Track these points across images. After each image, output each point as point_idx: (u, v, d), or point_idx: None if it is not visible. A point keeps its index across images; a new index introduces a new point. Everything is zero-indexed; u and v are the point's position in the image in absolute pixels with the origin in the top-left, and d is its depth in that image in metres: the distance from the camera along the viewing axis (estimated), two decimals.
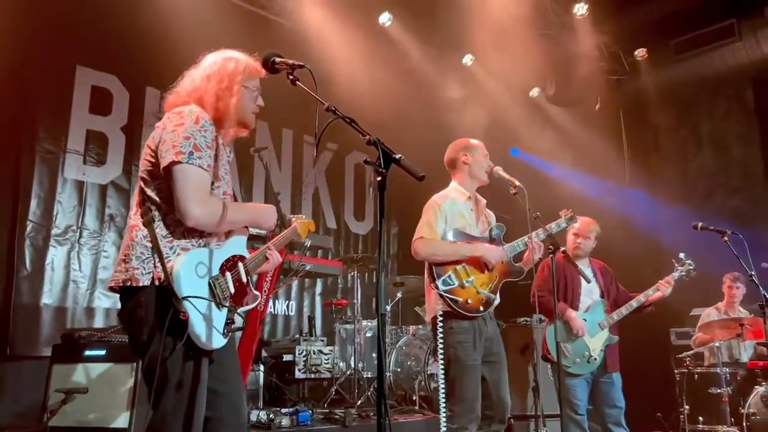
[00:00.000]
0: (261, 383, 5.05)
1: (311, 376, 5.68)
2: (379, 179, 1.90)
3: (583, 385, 4.18)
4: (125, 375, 3.73)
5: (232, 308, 2.16)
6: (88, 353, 3.84)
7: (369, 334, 5.99)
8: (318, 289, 7.52)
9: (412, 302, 6.66)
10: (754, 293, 4.40)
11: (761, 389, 4.77)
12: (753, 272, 4.22)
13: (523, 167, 7.73)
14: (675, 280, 4.36)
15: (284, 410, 4.60)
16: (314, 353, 5.69)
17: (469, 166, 3.50)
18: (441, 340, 3.21)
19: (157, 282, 2.06)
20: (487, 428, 3.26)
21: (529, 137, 7.99)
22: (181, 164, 2.06)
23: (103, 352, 3.83)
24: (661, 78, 7.41)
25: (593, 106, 7.84)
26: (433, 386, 5.56)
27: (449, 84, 7.66)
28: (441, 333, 3.21)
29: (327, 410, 4.99)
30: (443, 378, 3.19)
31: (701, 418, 4.96)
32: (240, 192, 6.62)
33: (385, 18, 6.79)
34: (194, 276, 2.08)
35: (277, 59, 2.23)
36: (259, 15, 6.41)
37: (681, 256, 4.47)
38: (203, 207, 2.09)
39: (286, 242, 2.69)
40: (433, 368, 5.59)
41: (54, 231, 5.28)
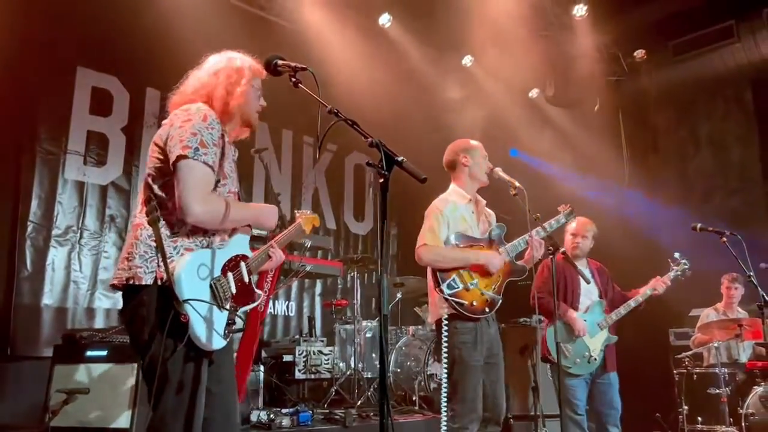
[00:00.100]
0: (261, 383, 5.05)
1: (311, 377, 5.68)
2: (382, 181, 1.91)
3: (583, 386, 4.19)
4: (126, 375, 3.74)
5: (233, 309, 2.16)
6: (90, 353, 3.85)
7: (369, 335, 5.99)
8: (318, 290, 7.52)
9: (412, 303, 6.67)
10: (753, 294, 4.43)
11: (760, 389, 4.78)
12: (751, 273, 4.24)
13: (523, 168, 7.73)
14: (671, 280, 4.39)
15: (284, 410, 4.60)
16: (314, 354, 5.70)
17: (469, 168, 3.50)
18: (446, 342, 3.21)
19: (160, 282, 2.05)
20: (484, 430, 3.27)
21: (529, 138, 7.98)
22: (187, 159, 2.07)
23: (105, 353, 3.84)
24: (660, 79, 7.41)
25: (592, 107, 7.82)
26: (433, 386, 5.57)
27: (449, 85, 7.66)
28: (446, 335, 3.21)
29: (327, 410, 4.99)
30: (446, 378, 3.19)
31: (700, 419, 4.97)
32: (240, 193, 6.61)
33: (385, 19, 6.78)
34: (196, 278, 2.08)
35: (280, 62, 2.23)
36: (259, 16, 6.41)
37: (676, 256, 4.50)
38: (204, 204, 2.09)
39: (290, 239, 2.69)
40: (433, 368, 5.60)
41: (54, 232, 5.29)
